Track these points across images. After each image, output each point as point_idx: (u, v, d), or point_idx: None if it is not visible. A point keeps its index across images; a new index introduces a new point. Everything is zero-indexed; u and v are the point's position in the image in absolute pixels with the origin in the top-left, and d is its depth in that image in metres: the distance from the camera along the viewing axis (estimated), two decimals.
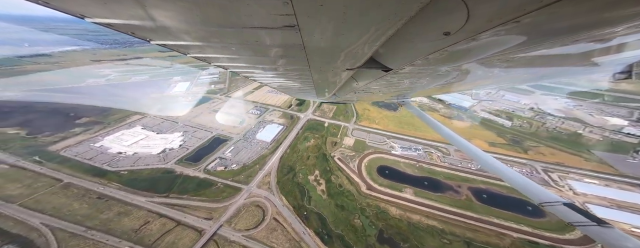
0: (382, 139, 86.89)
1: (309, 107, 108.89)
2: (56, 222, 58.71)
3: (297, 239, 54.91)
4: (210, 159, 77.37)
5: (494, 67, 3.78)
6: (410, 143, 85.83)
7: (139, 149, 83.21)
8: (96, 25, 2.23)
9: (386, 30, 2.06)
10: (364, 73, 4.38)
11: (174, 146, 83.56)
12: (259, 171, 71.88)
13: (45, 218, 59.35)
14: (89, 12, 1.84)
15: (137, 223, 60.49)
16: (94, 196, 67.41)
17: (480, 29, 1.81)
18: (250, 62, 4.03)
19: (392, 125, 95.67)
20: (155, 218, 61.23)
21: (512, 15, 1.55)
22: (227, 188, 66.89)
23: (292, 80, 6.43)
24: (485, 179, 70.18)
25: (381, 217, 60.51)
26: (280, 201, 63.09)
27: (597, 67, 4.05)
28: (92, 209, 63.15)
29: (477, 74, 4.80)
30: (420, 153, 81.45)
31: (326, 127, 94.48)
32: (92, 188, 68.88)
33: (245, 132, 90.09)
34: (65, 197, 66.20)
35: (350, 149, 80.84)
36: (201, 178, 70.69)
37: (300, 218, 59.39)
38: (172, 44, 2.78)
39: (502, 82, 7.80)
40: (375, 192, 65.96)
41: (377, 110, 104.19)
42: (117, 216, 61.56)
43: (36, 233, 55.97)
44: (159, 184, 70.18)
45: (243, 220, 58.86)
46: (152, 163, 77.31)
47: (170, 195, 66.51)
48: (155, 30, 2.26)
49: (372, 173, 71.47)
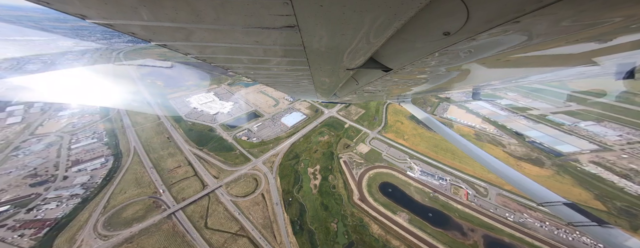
0: (402, 156, 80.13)
1: (337, 105, 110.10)
2: (141, 146, 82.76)
3: (272, 219, 58.74)
4: (241, 129, 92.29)
5: (494, 67, 3.77)
6: (436, 171, 76.05)
7: (204, 108, 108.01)
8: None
9: (386, 31, 2.05)
10: (364, 73, 4.44)
11: (224, 111, 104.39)
12: (270, 150, 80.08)
13: (139, 143, 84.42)
14: (90, 12, 1.84)
15: (173, 165, 77.30)
16: (165, 135, 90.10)
17: (480, 29, 1.83)
18: (250, 62, 4.06)
19: (423, 145, 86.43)
20: (185, 165, 76.70)
21: (512, 15, 1.56)
22: (241, 156, 77.51)
23: (292, 80, 6.34)
24: (517, 234, 56.24)
25: (359, 231, 57.59)
26: (274, 181, 68.25)
27: (598, 67, 3.99)
28: (161, 145, 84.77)
29: (477, 74, 4.78)
30: (443, 184, 71.39)
31: (345, 128, 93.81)
32: (169, 129, 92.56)
33: (274, 114, 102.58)
34: (154, 132, 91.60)
35: (361, 157, 78.22)
36: (229, 143, 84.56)
37: (283, 202, 62.93)
38: (172, 44, 2.79)
39: (503, 82, 7.99)
40: (365, 205, 62.77)
41: (412, 126, 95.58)
42: (167, 155, 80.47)
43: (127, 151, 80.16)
44: (201, 138, 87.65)
45: (238, 187, 66.94)
46: (206, 121, 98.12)
47: (203, 150, 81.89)
48: (156, 30, 2.28)
49: (372, 186, 67.81)
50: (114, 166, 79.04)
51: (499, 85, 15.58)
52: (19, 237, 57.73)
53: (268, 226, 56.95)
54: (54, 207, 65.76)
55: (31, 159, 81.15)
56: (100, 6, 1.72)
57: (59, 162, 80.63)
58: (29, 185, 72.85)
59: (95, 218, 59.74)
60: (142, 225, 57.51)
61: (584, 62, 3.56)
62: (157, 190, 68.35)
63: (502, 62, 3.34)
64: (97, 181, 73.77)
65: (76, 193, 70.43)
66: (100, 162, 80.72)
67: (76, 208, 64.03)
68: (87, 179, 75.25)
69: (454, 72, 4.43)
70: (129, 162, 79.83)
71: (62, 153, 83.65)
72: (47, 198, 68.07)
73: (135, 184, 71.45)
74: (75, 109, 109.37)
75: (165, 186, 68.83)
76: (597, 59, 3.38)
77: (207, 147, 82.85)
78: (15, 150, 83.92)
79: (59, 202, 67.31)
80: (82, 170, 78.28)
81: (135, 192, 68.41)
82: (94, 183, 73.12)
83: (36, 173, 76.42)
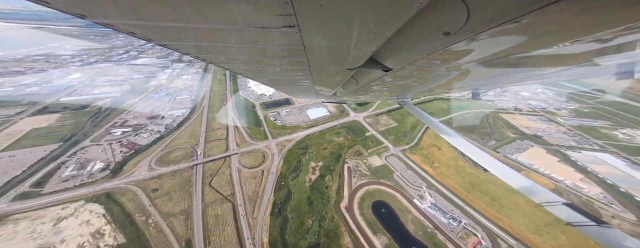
0: (417, 182, 70.51)
1: (366, 111, 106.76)
2: (206, 107, 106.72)
3: (259, 195, 64.59)
4: (273, 111, 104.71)
5: (494, 67, 3.74)
6: (453, 209, 64.17)
7: (255, 89, 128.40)
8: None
9: (386, 30, 2.07)
10: (364, 73, 4.54)
11: (267, 94, 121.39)
12: (287, 135, 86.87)
13: (207, 105, 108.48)
14: (90, 12, 1.85)
15: (216, 126, 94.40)
16: (223, 102, 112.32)
17: (480, 29, 1.83)
18: (250, 62, 4.06)
19: (455, 179, 72.94)
20: (223, 129, 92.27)
21: (512, 15, 1.56)
22: (263, 133, 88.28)
23: (292, 79, 6.38)
24: None
25: (330, 236, 56.62)
26: (277, 163, 73.62)
27: (598, 67, 3.95)
28: (217, 109, 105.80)
29: (477, 74, 4.79)
30: (453, 225, 60.13)
31: (365, 136, 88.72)
32: (227, 99, 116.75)
33: (302, 105, 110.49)
34: (219, 99, 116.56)
35: (369, 169, 73.25)
36: (260, 119, 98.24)
37: (276, 184, 67.72)
38: (172, 44, 2.81)
39: (502, 82, 8.06)
40: (348, 215, 60.37)
41: (451, 156, 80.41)
42: (217, 118, 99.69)
43: (200, 107, 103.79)
44: (244, 111, 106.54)
45: (248, 158, 75.86)
46: (252, 98, 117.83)
47: (240, 120, 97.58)
48: (156, 30, 2.29)
49: (365, 200, 63.86)
50: (186, 117, 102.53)
51: (500, 85, 13.81)
52: (120, 152, 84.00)
53: (253, 200, 63.20)
54: (146, 136, 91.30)
55: (155, 100, 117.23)
56: (100, 6, 1.74)
57: (165, 106, 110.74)
58: (147, 117, 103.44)
59: (155, 154, 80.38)
60: (174, 167, 73.90)
61: (584, 62, 3.54)
62: (198, 143, 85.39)
63: (502, 62, 3.30)
64: (174, 125, 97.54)
65: (159, 130, 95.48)
66: (182, 112, 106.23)
67: (154, 142, 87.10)
68: (170, 122, 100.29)
69: (454, 72, 4.42)
70: (194, 116, 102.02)
71: (170, 100, 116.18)
72: (147, 130, 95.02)
73: (190, 134, 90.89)
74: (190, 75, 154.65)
75: (204, 141, 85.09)
76: (597, 59, 3.34)
77: (245, 119, 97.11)
78: (156, 93, 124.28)
79: (149, 134, 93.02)
80: (171, 115, 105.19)
81: (186, 140, 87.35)
82: (171, 126, 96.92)
83: (153, 110, 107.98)
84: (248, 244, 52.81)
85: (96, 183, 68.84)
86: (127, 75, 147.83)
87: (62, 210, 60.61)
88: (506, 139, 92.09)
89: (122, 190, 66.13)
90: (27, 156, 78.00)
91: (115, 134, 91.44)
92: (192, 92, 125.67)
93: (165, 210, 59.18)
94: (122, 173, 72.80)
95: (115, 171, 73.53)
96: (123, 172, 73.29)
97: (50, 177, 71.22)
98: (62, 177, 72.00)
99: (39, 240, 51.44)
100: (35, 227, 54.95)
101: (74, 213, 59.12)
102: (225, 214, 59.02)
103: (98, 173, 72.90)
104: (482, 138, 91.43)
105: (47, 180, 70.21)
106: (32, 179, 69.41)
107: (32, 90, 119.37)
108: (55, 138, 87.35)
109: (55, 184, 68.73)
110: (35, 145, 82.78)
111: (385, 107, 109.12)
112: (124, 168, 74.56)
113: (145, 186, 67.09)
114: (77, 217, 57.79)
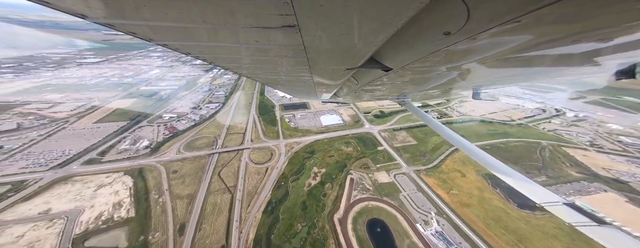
0: (426, 207, 62.58)
1: (383, 124, 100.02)
2: (235, 102, 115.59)
3: (258, 191, 66.70)
4: (290, 113, 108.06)
5: (494, 67, 3.77)
6: (462, 242, 55.47)
7: (280, 92, 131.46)
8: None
9: (386, 30, 2.06)
10: (364, 73, 4.54)
11: (288, 96, 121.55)
12: (297, 137, 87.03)
13: (236, 100, 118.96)
14: (90, 11, 1.85)
15: (238, 121, 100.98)
16: (249, 101, 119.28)
17: (480, 29, 1.83)
18: (250, 62, 4.09)
19: (475, 210, 62.43)
20: (244, 124, 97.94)
21: (512, 15, 1.56)
22: (276, 133, 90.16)
23: (292, 80, 6.38)
24: None
25: (316, 246, 55.20)
26: (282, 163, 74.55)
27: (598, 67, 3.93)
28: (244, 106, 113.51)
29: (477, 74, 4.79)
30: None
31: (376, 150, 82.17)
32: (253, 97, 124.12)
33: (317, 110, 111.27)
34: (247, 97, 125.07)
35: (373, 184, 67.95)
36: (276, 119, 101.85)
37: (276, 183, 68.82)
38: (172, 44, 2.82)
39: (503, 82, 8.01)
40: (340, 228, 57.69)
41: (478, 185, 67.89)
42: (241, 114, 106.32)
43: (231, 102, 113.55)
44: (264, 110, 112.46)
45: (257, 154, 78.86)
46: (273, 99, 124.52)
47: (260, 118, 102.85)
48: (156, 30, 2.30)
49: (361, 216, 59.91)
50: (216, 110, 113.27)
51: (500, 85, 13.85)
52: (163, 133, 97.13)
53: (251, 195, 65.58)
54: (184, 123, 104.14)
55: (199, 94, 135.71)
56: (100, 6, 1.74)
57: (205, 99, 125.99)
58: (190, 107, 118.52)
59: (186, 139, 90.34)
60: (195, 153, 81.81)
61: (584, 62, 3.55)
62: (220, 134, 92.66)
63: (502, 62, 3.32)
64: (206, 116, 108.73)
65: (195, 119, 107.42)
66: (216, 105, 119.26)
67: (188, 128, 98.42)
68: (204, 112, 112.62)
69: (454, 72, 4.42)
70: (223, 110, 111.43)
71: (209, 95, 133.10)
72: (187, 117, 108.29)
73: (216, 126, 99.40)
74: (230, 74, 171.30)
75: (225, 133, 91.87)
76: (597, 59, 3.34)
77: (263, 117, 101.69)
78: (201, 88, 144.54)
79: (188, 121, 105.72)
80: (207, 107, 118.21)
81: (212, 131, 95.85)
82: (204, 117, 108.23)
83: (195, 102, 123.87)
84: (234, 237, 55.17)
85: (138, 158, 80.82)
86: (186, 72, 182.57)
87: (106, 178, 73.07)
88: (565, 178, 72.66)
89: (152, 167, 76.12)
90: (107, 129, 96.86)
91: (165, 118, 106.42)
92: (227, 89, 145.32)
93: (175, 191, 66.01)
94: (158, 152, 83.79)
95: (154, 149, 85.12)
96: (159, 151, 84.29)
97: (112, 148, 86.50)
98: (119, 149, 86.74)
99: (78, 202, 62.95)
100: (83, 190, 67.52)
101: (112, 183, 70.65)
102: (222, 204, 62.74)
103: (142, 150, 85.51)
104: (527, 172, 73.75)
105: (109, 150, 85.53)
106: (101, 148, 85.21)
107: (128, 80, 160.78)
108: (127, 117, 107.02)
109: (113, 155, 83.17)
110: (113, 121, 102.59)
111: (406, 123, 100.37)
112: (160, 148, 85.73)
113: (169, 167, 75.94)
114: (111, 186, 68.95)
